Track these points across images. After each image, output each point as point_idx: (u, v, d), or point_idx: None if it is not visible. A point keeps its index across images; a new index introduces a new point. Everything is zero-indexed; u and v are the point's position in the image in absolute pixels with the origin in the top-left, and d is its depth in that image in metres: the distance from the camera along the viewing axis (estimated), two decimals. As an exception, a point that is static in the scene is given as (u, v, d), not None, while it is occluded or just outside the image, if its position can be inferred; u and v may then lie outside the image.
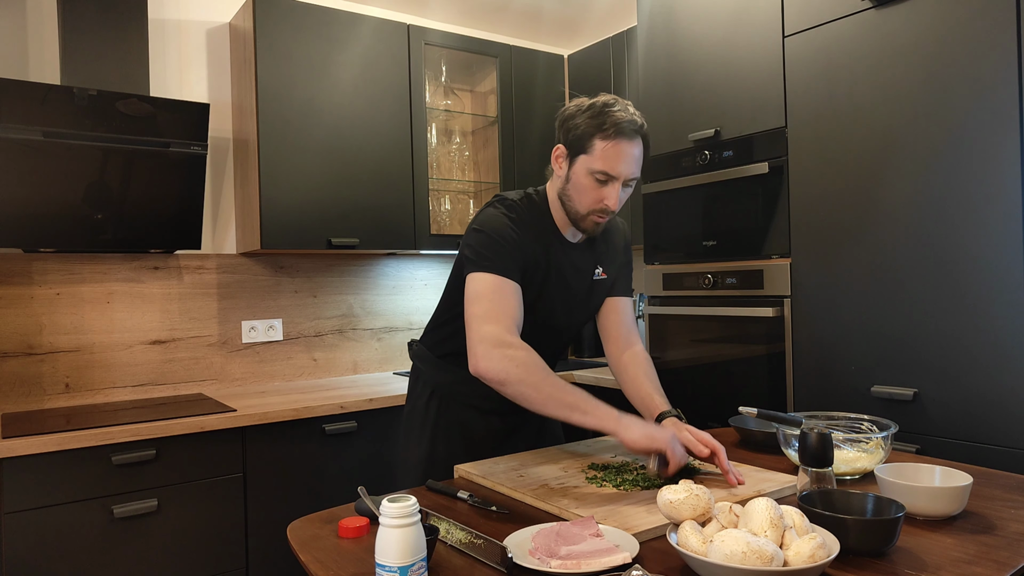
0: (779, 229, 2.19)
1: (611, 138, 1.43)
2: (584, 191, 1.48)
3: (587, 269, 1.63)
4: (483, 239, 1.48)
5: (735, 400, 2.33)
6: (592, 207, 1.48)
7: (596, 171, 1.45)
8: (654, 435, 1.32)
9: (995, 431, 1.72)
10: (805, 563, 0.88)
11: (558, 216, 1.57)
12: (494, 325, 1.39)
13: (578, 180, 1.48)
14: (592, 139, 1.44)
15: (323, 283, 3.06)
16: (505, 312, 1.42)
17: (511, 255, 1.47)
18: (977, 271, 1.74)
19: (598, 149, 1.44)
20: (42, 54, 2.49)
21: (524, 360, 1.37)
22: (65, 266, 2.51)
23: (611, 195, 1.46)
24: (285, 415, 2.31)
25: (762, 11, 2.23)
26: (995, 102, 1.70)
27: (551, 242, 1.56)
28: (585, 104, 1.48)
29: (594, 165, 1.45)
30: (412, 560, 0.89)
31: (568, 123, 1.48)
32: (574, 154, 1.48)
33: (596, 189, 1.46)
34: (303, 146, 2.67)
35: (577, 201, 1.50)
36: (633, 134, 1.44)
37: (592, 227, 1.53)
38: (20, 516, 1.92)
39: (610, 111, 1.44)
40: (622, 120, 1.43)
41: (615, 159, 1.44)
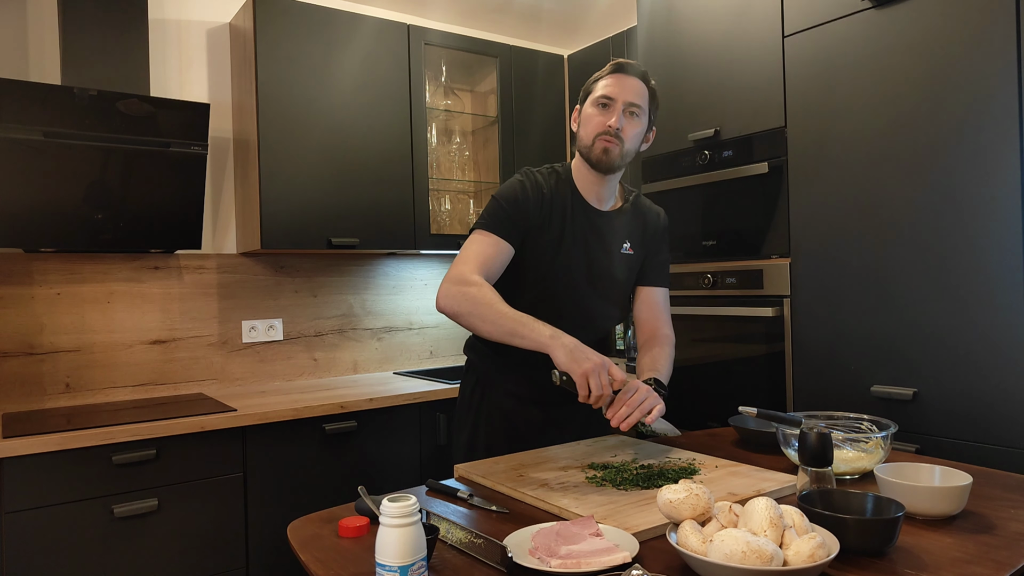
0: (779, 229, 2.19)
1: (608, 73, 1.61)
2: (590, 120, 1.62)
3: (613, 240, 1.69)
4: (489, 205, 1.63)
5: (735, 400, 2.33)
6: (597, 130, 1.60)
7: (597, 98, 1.60)
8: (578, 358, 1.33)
9: (995, 431, 1.72)
10: (805, 563, 0.88)
11: (582, 183, 1.68)
12: (460, 266, 1.52)
13: (585, 115, 1.64)
14: (595, 82, 1.63)
15: (323, 283, 3.06)
16: (475, 256, 1.53)
17: (509, 217, 1.58)
18: (977, 271, 1.74)
19: (599, 85, 1.62)
20: (42, 54, 2.49)
21: (475, 295, 1.46)
22: (65, 266, 2.51)
23: (612, 117, 1.58)
24: (285, 415, 2.31)
25: (762, 11, 2.23)
26: (995, 102, 1.70)
27: (571, 205, 1.66)
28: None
29: (595, 94, 1.61)
30: (412, 560, 0.89)
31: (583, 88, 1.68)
32: (583, 101, 1.66)
33: (599, 115, 1.60)
34: (303, 146, 2.67)
35: (585, 134, 1.62)
36: (629, 70, 1.60)
37: (601, 154, 1.60)
38: (20, 516, 1.92)
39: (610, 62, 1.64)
40: (620, 62, 1.62)
41: (613, 86, 1.59)
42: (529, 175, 1.66)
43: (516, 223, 1.59)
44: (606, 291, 1.69)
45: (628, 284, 1.75)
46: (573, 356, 1.34)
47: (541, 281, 1.62)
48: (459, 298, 1.47)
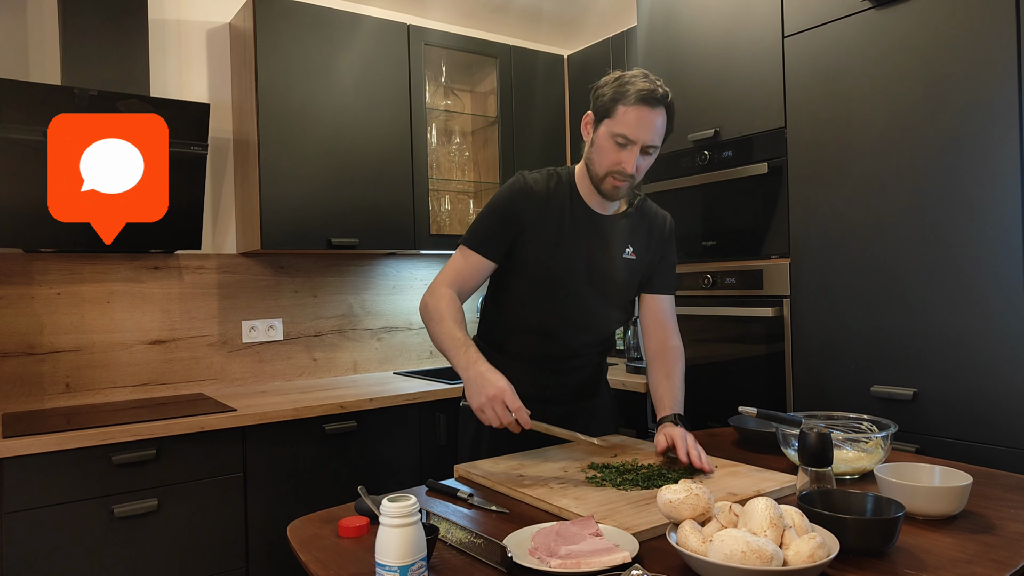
0: (779, 229, 2.19)
1: (632, 104, 1.51)
2: (604, 153, 1.56)
3: (616, 244, 1.69)
4: (477, 217, 1.66)
5: (735, 400, 2.33)
6: (610, 168, 1.56)
7: (616, 134, 1.53)
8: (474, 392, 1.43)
9: (995, 431, 1.72)
10: (805, 563, 0.88)
11: (584, 187, 1.66)
12: (437, 278, 1.63)
13: (600, 143, 1.57)
14: (616, 104, 1.53)
15: (323, 283, 3.06)
16: (451, 271, 1.62)
17: (490, 231, 1.63)
18: (977, 271, 1.74)
19: (620, 114, 1.53)
20: (42, 54, 2.49)
21: (432, 308, 1.58)
22: (65, 266, 2.51)
23: (628, 159, 1.54)
24: (285, 415, 2.31)
25: (762, 11, 2.23)
26: (995, 102, 1.70)
27: (571, 207, 1.65)
28: (617, 74, 1.59)
29: (615, 128, 1.53)
30: (412, 560, 0.89)
31: (598, 91, 1.59)
32: (599, 119, 1.57)
33: (615, 152, 1.54)
34: (303, 146, 2.67)
35: (597, 163, 1.58)
36: (655, 103, 1.52)
37: (611, 190, 1.59)
38: (20, 516, 1.92)
39: (635, 80, 1.54)
40: (645, 89, 1.52)
41: (634, 124, 1.51)
42: (520, 180, 1.65)
43: (500, 235, 1.62)
44: (606, 293, 1.68)
45: (630, 288, 1.73)
46: (471, 388, 1.44)
47: (539, 278, 1.63)
48: (422, 308, 1.61)
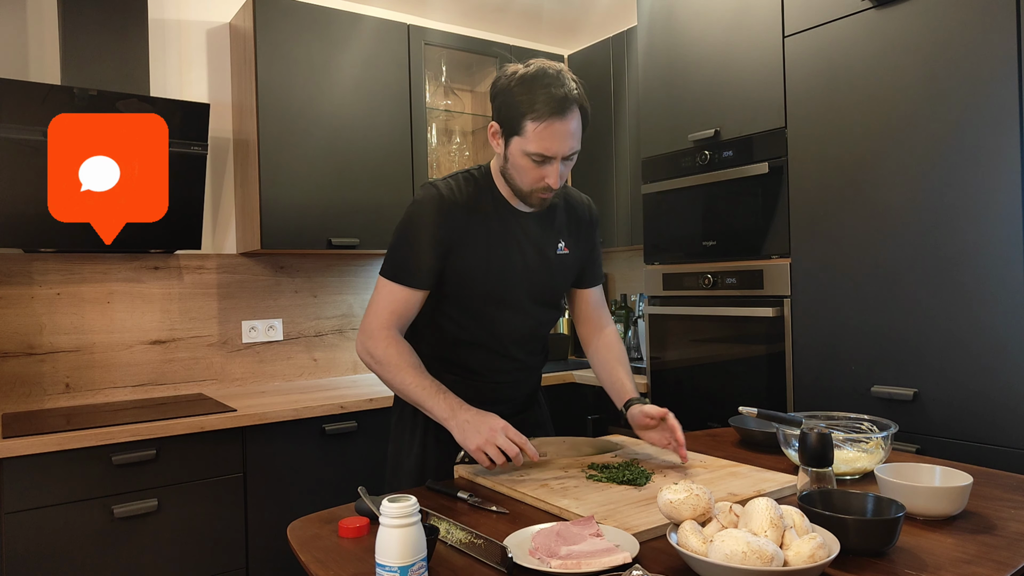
0: (779, 229, 2.19)
1: (542, 119, 1.36)
2: (523, 171, 1.44)
3: (546, 241, 1.58)
4: (394, 239, 1.53)
5: (735, 400, 2.33)
6: (533, 186, 1.45)
7: (531, 153, 1.40)
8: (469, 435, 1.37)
9: (995, 431, 1.72)
10: (805, 563, 0.88)
11: (505, 189, 1.54)
12: (370, 318, 1.51)
13: (516, 161, 1.44)
14: (523, 120, 1.38)
15: (323, 283, 3.06)
16: (383, 307, 1.50)
17: (420, 256, 1.48)
18: (977, 271, 1.74)
19: (530, 131, 1.38)
20: (42, 54, 2.49)
21: (380, 357, 1.48)
22: (65, 266, 2.51)
23: (551, 173, 1.42)
24: (285, 415, 2.31)
25: (762, 11, 2.23)
26: (995, 102, 1.70)
27: (495, 213, 1.53)
28: (516, 75, 1.40)
29: (528, 147, 1.39)
30: (412, 560, 0.89)
31: (499, 99, 1.42)
32: (508, 134, 1.43)
33: (535, 169, 1.42)
34: (303, 146, 2.67)
35: (518, 180, 1.47)
36: (565, 110, 1.37)
37: (539, 203, 1.50)
38: (20, 516, 1.92)
39: (539, 87, 1.36)
40: (553, 96, 1.36)
41: (549, 140, 1.38)
42: (433, 193, 1.50)
43: (427, 261, 1.48)
44: (545, 295, 1.61)
45: (566, 285, 1.67)
46: (465, 433, 1.37)
47: (477, 294, 1.53)
48: (365, 356, 1.51)
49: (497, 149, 1.49)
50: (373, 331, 1.49)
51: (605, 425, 2.92)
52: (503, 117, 1.43)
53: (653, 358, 2.64)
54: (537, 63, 1.41)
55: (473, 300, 1.54)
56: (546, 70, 1.39)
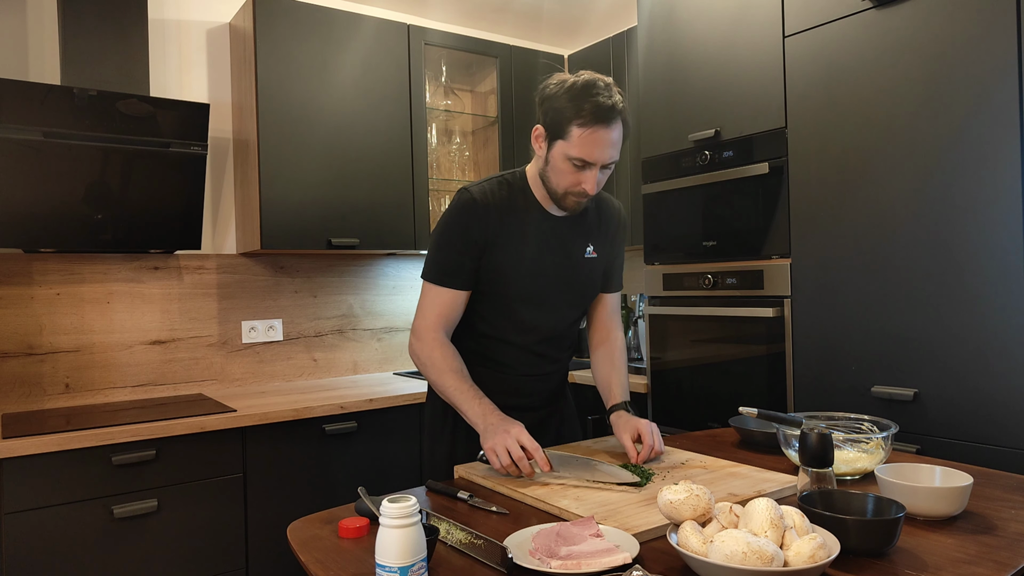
0: (779, 229, 2.19)
1: (588, 125, 1.42)
2: (562, 174, 1.49)
3: (576, 244, 1.64)
4: (433, 243, 1.60)
5: (735, 400, 2.33)
6: (570, 189, 1.51)
7: (573, 158, 1.45)
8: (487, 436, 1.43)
9: (995, 431, 1.72)
10: (805, 563, 0.88)
11: (540, 191, 1.59)
12: (420, 320, 1.59)
13: (556, 163, 1.49)
14: (569, 125, 1.44)
15: (323, 283, 3.06)
16: (431, 309, 1.58)
17: (456, 258, 1.55)
18: (977, 271, 1.74)
19: (575, 136, 1.44)
20: (42, 54, 2.49)
21: (425, 360, 1.57)
22: (65, 266, 2.51)
23: (589, 179, 1.48)
24: (285, 415, 2.31)
25: (762, 11, 2.23)
26: (995, 102, 1.70)
27: (528, 215, 1.58)
28: (566, 83, 1.46)
29: (571, 152, 1.45)
30: (412, 560, 0.89)
31: (547, 103, 1.48)
32: (552, 137, 1.48)
33: (574, 173, 1.48)
34: (303, 146, 2.67)
35: (555, 183, 1.52)
36: (611, 120, 1.43)
37: (573, 206, 1.55)
38: (20, 516, 1.92)
39: (588, 96, 1.42)
40: (601, 106, 1.42)
41: (592, 146, 1.44)
42: (466, 197, 1.55)
43: (464, 262, 1.54)
44: (572, 298, 1.65)
45: (595, 287, 1.71)
46: (485, 433, 1.44)
47: (511, 294, 1.58)
48: (413, 357, 1.60)
49: (539, 151, 1.54)
50: (421, 333, 1.58)
51: (605, 425, 2.92)
52: (550, 120, 1.48)
53: (653, 358, 2.64)
54: (588, 74, 1.47)
55: (505, 298, 1.59)
56: (596, 81, 1.45)
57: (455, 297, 1.57)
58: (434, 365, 1.55)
